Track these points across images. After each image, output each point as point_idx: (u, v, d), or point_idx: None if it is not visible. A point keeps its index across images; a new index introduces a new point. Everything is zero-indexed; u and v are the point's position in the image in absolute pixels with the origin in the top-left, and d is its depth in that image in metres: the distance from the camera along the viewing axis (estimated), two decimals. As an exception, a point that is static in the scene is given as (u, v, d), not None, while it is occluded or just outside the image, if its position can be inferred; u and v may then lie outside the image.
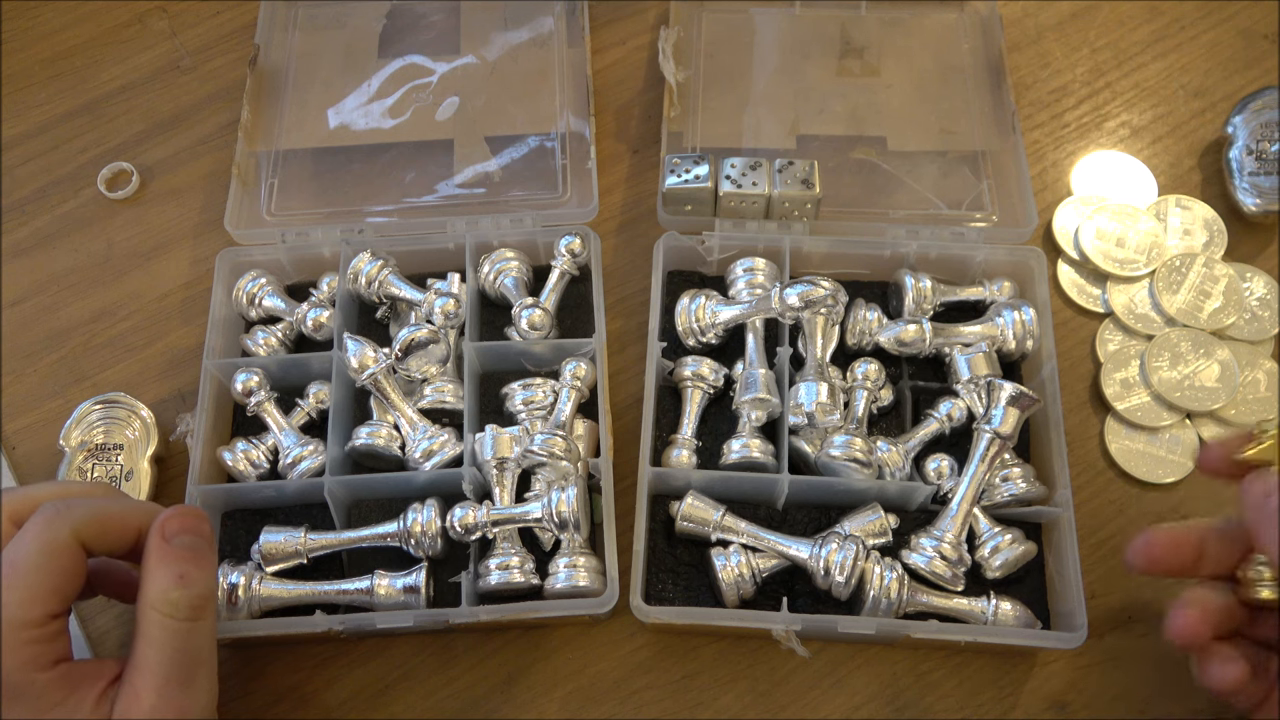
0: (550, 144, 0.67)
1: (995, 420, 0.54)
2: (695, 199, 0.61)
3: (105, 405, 0.60)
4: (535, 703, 0.54)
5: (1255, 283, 0.64)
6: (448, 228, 0.62)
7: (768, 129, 0.68)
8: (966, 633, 0.52)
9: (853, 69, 0.70)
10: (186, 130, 0.71)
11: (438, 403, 0.58)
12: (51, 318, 0.65)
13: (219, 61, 0.73)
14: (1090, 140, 0.70)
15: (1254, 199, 0.65)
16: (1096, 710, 0.54)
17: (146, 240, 0.67)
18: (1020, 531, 0.54)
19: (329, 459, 0.56)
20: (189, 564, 0.43)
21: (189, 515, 0.45)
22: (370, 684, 0.55)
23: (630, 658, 0.55)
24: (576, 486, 0.52)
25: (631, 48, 0.73)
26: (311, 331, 0.61)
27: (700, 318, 0.59)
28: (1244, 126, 0.66)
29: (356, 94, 0.69)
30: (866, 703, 0.54)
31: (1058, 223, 0.66)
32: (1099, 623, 0.55)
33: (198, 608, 0.43)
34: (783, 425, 0.56)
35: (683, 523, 0.55)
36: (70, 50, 0.74)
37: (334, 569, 0.55)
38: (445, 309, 0.59)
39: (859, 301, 0.60)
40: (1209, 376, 0.61)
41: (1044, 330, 0.59)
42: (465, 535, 0.52)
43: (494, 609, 0.52)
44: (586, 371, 0.58)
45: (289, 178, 0.66)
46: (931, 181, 0.66)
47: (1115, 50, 0.73)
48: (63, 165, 0.70)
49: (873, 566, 0.51)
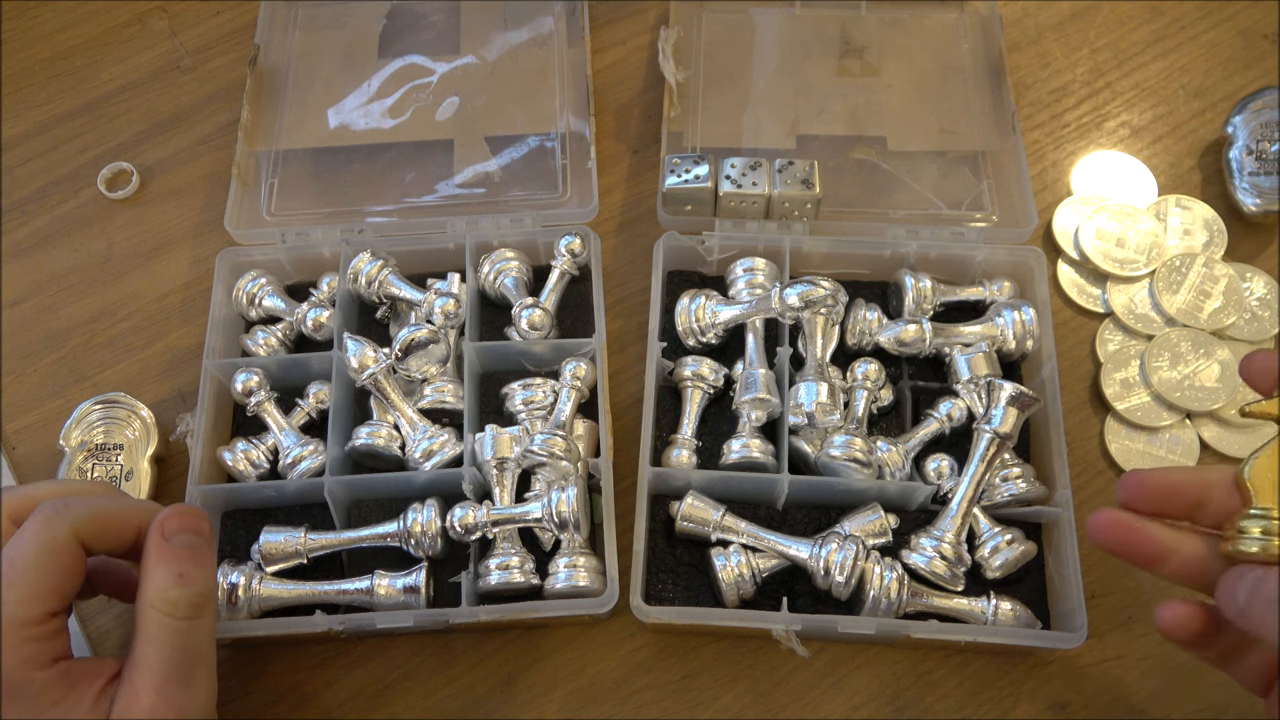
0: (550, 144, 0.67)
1: (995, 420, 0.54)
2: (695, 199, 0.61)
3: (105, 405, 0.60)
4: (535, 703, 0.54)
5: (1255, 283, 0.64)
6: (448, 228, 0.62)
7: (768, 129, 0.68)
8: (966, 633, 0.52)
9: (853, 69, 0.70)
10: (186, 130, 0.71)
11: (438, 403, 0.58)
12: (51, 318, 0.65)
13: (219, 61, 0.73)
14: (1090, 140, 0.70)
15: (1254, 199, 0.65)
16: (1096, 710, 0.54)
17: (146, 240, 0.67)
18: (1020, 531, 0.54)
19: (329, 459, 0.56)
20: (188, 562, 0.43)
21: (188, 514, 0.45)
22: (370, 684, 0.55)
23: (630, 658, 0.55)
24: (576, 486, 0.52)
25: (631, 48, 0.73)
26: (311, 331, 0.61)
27: (700, 318, 0.59)
28: (1244, 126, 0.66)
29: (356, 94, 0.69)
30: (866, 703, 0.54)
31: (1058, 223, 0.66)
32: (1099, 623, 0.55)
33: (197, 606, 0.43)
34: (783, 425, 0.56)
35: (683, 523, 0.55)
36: (70, 50, 0.74)
37: (334, 569, 0.55)
38: (445, 309, 0.59)
39: (859, 301, 0.60)
40: (1209, 376, 0.61)
41: (1044, 330, 0.59)
42: (465, 535, 0.52)
43: (494, 609, 0.52)
44: (586, 371, 0.58)
45: (289, 178, 0.66)
46: (931, 181, 0.66)
47: (1115, 50, 0.73)
48: (63, 165, 0.70)
49: (873, 566, 0.51)
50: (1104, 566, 0.57)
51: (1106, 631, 0.55)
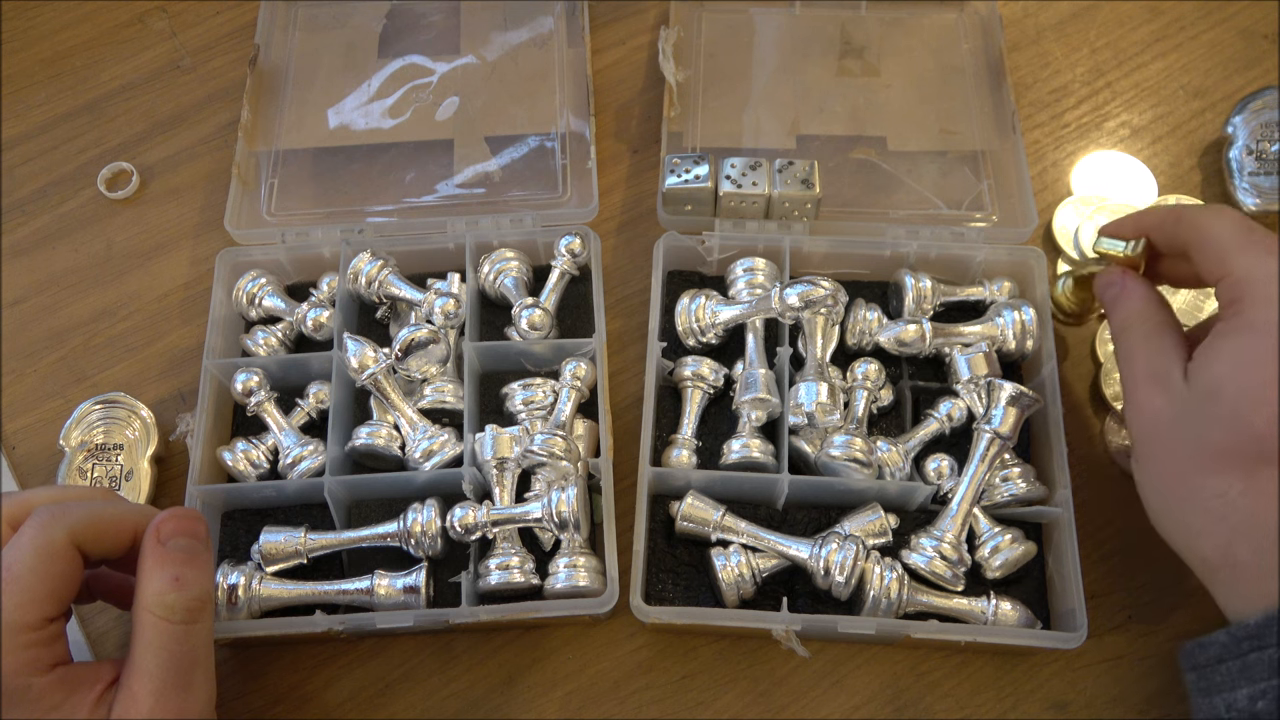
0: (550, 144, 0.67)
1: (995, 420, 0.54)
2: (695, 199, 0.61)
3: (105, 405, 0.60)
4: (535, 703, 0.54)
5: (1255, 283, 0.64)
6: (448, 228, 0.62)
7: (768, 129, 0.68)
8: (966, 633, 0.52)
9: (853, 69, 0.70)
10: (186, 130, 0.71)
11: (438, 403, 0.58)
12: (51, 318, 0.65)
13: (219, 61, 0.73)
14: (1090, 140, 0.70)
15: (1254, 199, 0.65)
16: (1096, 710, 0.54)
17: (146, 240, 0.67)
18: (1020, 531, 0.54)
19: (329, 459, 0.56)
20: (185, 566, 0.43)
21: (184, 518, 0.44)
22: (370, 684, 0.55)
23: (630, 658, 0.55)
24: (576, 486, 0.52)
25: (631, 48, 0.73)
26: (311, 331, 0.61)
27: (700, 318, 0.59)
28: (1244, 126, 0.66)
29: (356, 94, 0.69)
30: (866, 703, 0.54)
31: (1058, 223, 0.66)
32: (1099, 623, 0.55)
33: (194, 610, 0.43)
34: (783, 425, 0.56)
35: (683, 523, 0.55)
36: (70, 50, 0.74)
37: (334, 569, 0.55)
38: (445, 309, 0.59)
39: (859, 301, 0.60)
40: (1209, 376, 0.61)
41: (1044, 330, 0.59)
42: (465, 535, 0.52)
43: (494, 609, 0.52)
44: (586, 371, 0.58)
45: (289, 178, 0.66)
46: (931, 181, 0.66)
47: (1115, 50, 0.73)
48: (63, 165, 0.70)
49: (873, 566, 0.51)
50: (1104, 566, 0.57)
51: (1106, 631, 0.55)
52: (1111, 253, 0.54)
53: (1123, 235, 0.54)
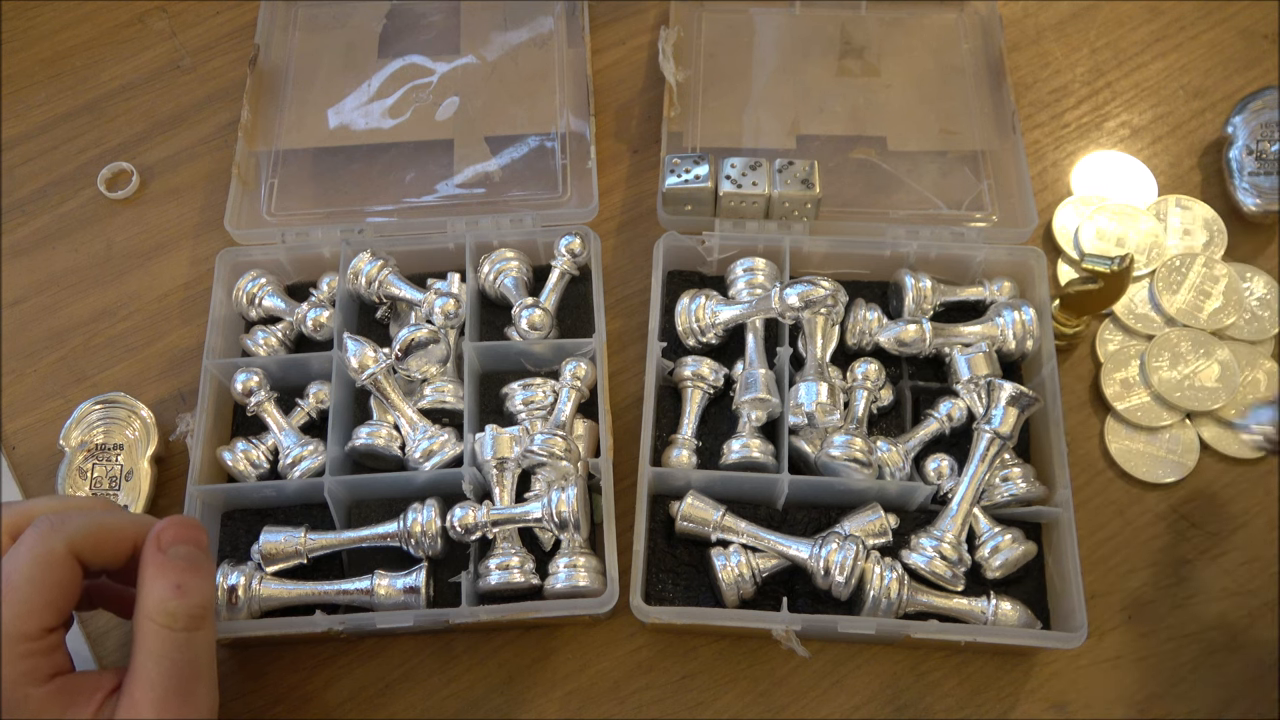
0: (550, 144, 0.67)
1: (995, 420, 0.54)
2: (695, 199, 0.61)
3: (105, 405, 0.60)
4: (535, 703, 0.54)
5: (1255, 283, 0.64)
6: (448, 228, 0.62)
7: (768, 129, 0.68)
8: (966, 633, 0.52)
9: (853, 69, 0.70)
10: (186, 130, 0.71)
11: (438, 403, 0.58)
12: (51, 318, 0.65)
13: (219, 61, 0.73)
14: (1090, 140, 0.70)
15: (1254, 199, 0.65)
16: (1096, 710, 0.54)
17: (146, 240, 0.67)
18: (1020, 531, 0.54)
19: (329, 459, 0.56)
20: (186, 574, 0.43)
21: (185, 525, 0.44)
22: (370, 684, 0.55)
23: (630, 658, 0.55)
24: (576, 486, 0.52)
25: (631, 48, 0.73)
26: (311, 331, 0.61)
27: (700, 318, 0.59)
28: (1244, 126, 0.66)
29: (356, 94, 0.69)
30: (866, 703, 0.54)
31: (1058, 223, 0.66)
32: (1099, 623, 0.55)
33: (196, 618, 0.43)
34: (783, 425, 0.56)
35: (683, 523, 0.55)
36: (70, 50, 0.74)
37: (334, 569, 0.55)
38: (445, 309, 0.59)
39: (859, 301, 0.60)
40: (1209, 376, 0.61)
41: (1044, 330, 0.59)
42: (465, 535, 0.52)
43: (494, 609, 0.52)
44: (586, 371, 0.58)
45: (289, 178, 0.66)
46: (931, 181, 0.66)
47: (1115, 50, 0.73)
48: (63, 165, 0.70)
49: (873, 566, 0.51)
50: (1104, 566, 0.57)
51: (1106, 631, 0.55)
52: (1098, 270, 0.55)
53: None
